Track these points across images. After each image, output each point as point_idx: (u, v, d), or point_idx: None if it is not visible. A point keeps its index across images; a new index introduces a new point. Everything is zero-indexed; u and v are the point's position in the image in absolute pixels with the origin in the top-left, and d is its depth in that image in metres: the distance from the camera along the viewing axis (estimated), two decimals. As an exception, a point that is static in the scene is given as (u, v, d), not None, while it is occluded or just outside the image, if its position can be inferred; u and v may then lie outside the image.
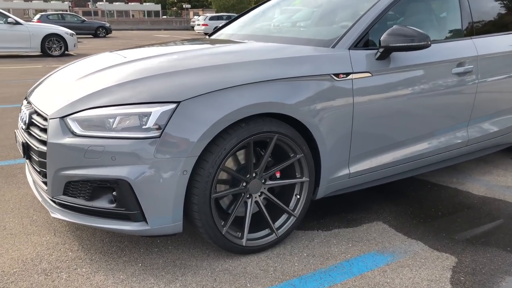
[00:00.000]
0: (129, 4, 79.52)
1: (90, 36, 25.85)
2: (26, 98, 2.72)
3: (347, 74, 2.49)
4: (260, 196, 2.38)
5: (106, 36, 26.61)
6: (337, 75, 2.46)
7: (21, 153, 2.47)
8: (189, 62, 2.43)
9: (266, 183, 2.38)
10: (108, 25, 27.69)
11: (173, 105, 2.04)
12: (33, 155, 2.31)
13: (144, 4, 78.76)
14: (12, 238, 2.47)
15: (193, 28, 33.82)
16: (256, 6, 4.04)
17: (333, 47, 2.58)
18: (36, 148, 2.24)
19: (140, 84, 2.20)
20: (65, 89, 2.42)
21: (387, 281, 2.16)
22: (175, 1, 78.96)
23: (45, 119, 2.24)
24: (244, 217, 2.33)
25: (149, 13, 76.86)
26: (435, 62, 2.87)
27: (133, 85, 2.20)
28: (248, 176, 2.30)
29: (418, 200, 3.12)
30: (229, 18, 19.92)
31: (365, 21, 2.70)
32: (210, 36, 3.83)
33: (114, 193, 2.09)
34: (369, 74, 2.57)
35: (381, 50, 2.57)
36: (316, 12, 3.52)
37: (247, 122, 2.18)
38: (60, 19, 24.54)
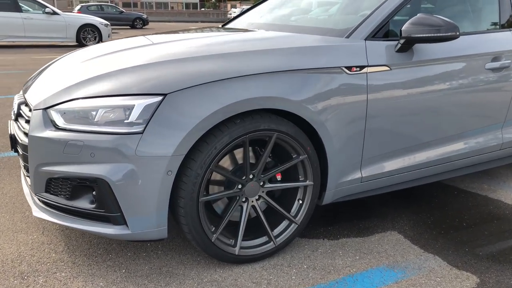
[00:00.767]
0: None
1: (128, 27, 26.22)
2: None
3: (361, 68, 2.23)
4: (258, 200, 2.16)
5: (143, 28, 26.92)
6: (349, 68, 2.20)
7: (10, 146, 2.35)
8: (182, 51, 2.22)
9: (265, 186, 2.16)
10: (145, 17, 28.00)
11: (159, 98, 1.85)
12: (19, 148, 2.18)
13: (183, -4, 79.52)
14: None
15: (229, 20, 33.69)
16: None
17: (347, 37, 2.31)
18: (20, 141, 2.11)
19: (128, 74, 2.01)
20: (58, 78, 2.27)
21: (395, 303, 1.91)
22: (214, -6, 79.31)
23: (31, 110, 2.11)
24: (239, 223, 2.12)
25: (188, 5, 77.59)
26: (465, 56, 2.55)
27: (122, 75, 2.02)
28: (244, 178, 2.09)
29: (441, 208, 2.82)
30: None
31: (386, 9, 2.41)
32: (225, 25, 3.62)
33: (94, 193, 1.93)
34: (387, 68, 2.29)
35: (402, 41, 2.29)
36: (335, 1, 3.24)
37: (243, 119, 1.97)
38: (99, 10, 25.01)
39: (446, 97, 2.49)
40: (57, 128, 1.92)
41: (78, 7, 24.50)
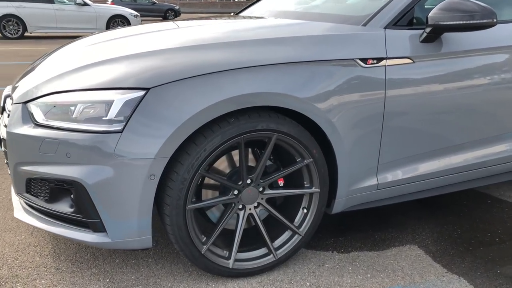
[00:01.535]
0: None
1: (160, 18, 26.32)
2: None
3: (379, 60, 1.95)
4: (257, 208, 1.94)
5: (175, 19, 26.94)
6: (365, 61, 1.93)
7: (-2, 141, 2.21)
8: (177, 40, 1.99)
9: (265, 193, 1.92)
10: (178, 8, 28.02)
11: (141, 93, 1.64)
12: (2, 144, 2.04)
13: (218, -13, 79.50)
14: (-11, 233, 2.24)
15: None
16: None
17: (364, 25, 2.03)
18: (2, 136, 1.96)
19: (114, 65, 1.81)
20: (48, 68, 2.09)
21: (407, 334, 1.65)
22: (248, -16, 78.89)
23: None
24: (234, 233, 1.90)
25: (222, -4, 77.45)
26: (504, 47, 2.22)
27: (107, 66, 1.82)
28: (241, 184, 1.86)
29: (471, 220, 2.50)
30: (296, 0, 19.13)
31: (411, -7, 2.11)
32: (239, 13, 3.38)
33: (72, 197, 1.75)
34: (410, 61, 2.00)
35: (429, 30, 1.99)
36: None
37: (237, 117, 1.74)
38: (132, 1, 25.20)
39: (481, 94, 2.18)
40: (36, 124, 1.75)
41: (112, -2, 24.78)
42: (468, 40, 2.12)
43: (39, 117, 1.76)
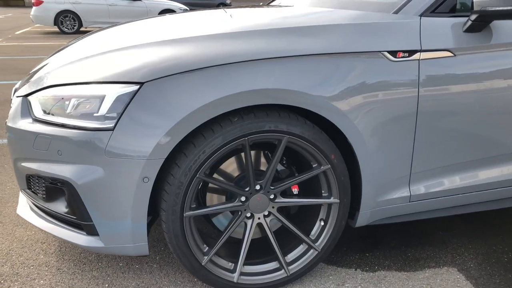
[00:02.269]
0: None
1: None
2: None
3: (411, 53, 1.68)
4: (267, 217, 1.74)
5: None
6: (394, 53, 1.67)
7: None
8: (183, 32, 1.83)
9: (276, 201, 1.72)
10: (229, 2, 28.07)
11: (134, 87, 1.50)
12: None
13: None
14: None
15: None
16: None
17: (396, 13, 1.77)
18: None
19: (114, 56, 1.68)
20: (57, 60, 2.01)
21: None
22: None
23: None
24: (241, 244, 1.72)
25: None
26: None
27: (107, 57, 1.70)
28: (248, 190, 1.67)
29: (526, 241, 2.16)
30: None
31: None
32: (270, 3, 3.17)
33: (66, 197, 1.65)
34: (450, 54, 1.71)
35: (474, 17, 1.69)
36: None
37: (242, 116, 1.55)
38: (185, -5, 25.53)
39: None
40: (34, 119, 1.66)
41: (165, -8, 25.22)
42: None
43: (38, 112, 1.67)
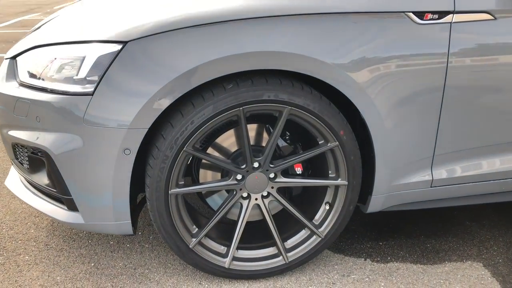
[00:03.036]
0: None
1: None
2: None
3: (442, 14, 1.44)
4: (266, 198, 1.56)
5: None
6: (421, 15, 1.43)
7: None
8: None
9: (276, 180, 1.54)
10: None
11: (117, 47, 1.33)
12: None
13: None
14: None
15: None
16: None
17: (424, -34, 1.52)
18: None
19: (100, 15, 1.54)
20: (50, 23, 1.88)
21: None
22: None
23: None
24: (235, 227, 1.56)
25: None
26: None
27: (96, 15, 1.55)
28: (245, 167, 1.49)
29: None
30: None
31: None
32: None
33: (46, 167, 1.52)
34: (489, 17, 1.47)
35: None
36: None
37: (237, 83, 1.37)
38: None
39: None
40: (18, 83, 1.53)
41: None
42: None
43: (23, 75, 1.53)
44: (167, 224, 1.45)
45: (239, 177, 1.51)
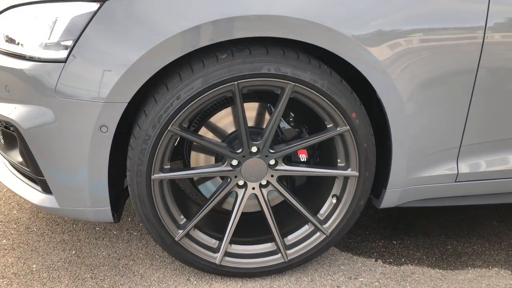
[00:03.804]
0: None
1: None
2: None
3: (479, -20, 1.21)
4: (265, 188, 1.38)
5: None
6: (453, -20, 1.20)
7: None
8: None
9: (277, 168, 1.35)
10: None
11: (93, 7, 1.15)
12: None
13: None
14: None
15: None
16: None
17: None
18: None
19: None
20: None
21: None
22: None
23: None
24: (228, 218, 1.38)
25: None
26: None
27: None
28: (241, 152, 1.30)
29: None
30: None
31: None
32: None
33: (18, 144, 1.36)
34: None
35: None
36: None
37: (232, 53, 1.17)
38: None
39: None
40: None
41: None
42: None
43: (1, 38, 1.37)
44: (150, 214, 1.28)
45: (235, 163, 1.32)
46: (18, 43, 1.24)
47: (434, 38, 1.22)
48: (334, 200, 1.39)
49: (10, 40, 1.27)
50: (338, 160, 1.35)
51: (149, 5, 1.13)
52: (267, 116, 1.42)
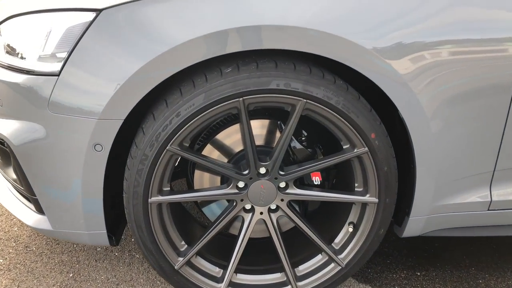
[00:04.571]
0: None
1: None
2: None
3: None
4: (274, 213, 1.26)
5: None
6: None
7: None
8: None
9: (287, 191, 1.23)
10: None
11: (89, 17, 1.06)
12: None
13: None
14: None
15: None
16: None
17: None
18: None
19: None
20: None
21: None
22: None
23: None
24: (234, 246, 1.26)
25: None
26: None
27: None
28: (248, 173, 1.19)
29: None
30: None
31: None
32: None
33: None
34: None
35: None
36: None
37: (238, 66, 1.06)
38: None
39: None
40: None
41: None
42: None
43: (1, 48, 1.30)
44: (147, 240, 1.18)
45: (241, 185, 1.21)
46: (13, 55, 1.17)
47: (461, 49, 1.09)
48: (351, 229, 1.26)
49: (7, 52, 1.20)
50: (356, 185, 1.22)
51: (152, 13, 1.04)
52: (278, 134, 1.31)
